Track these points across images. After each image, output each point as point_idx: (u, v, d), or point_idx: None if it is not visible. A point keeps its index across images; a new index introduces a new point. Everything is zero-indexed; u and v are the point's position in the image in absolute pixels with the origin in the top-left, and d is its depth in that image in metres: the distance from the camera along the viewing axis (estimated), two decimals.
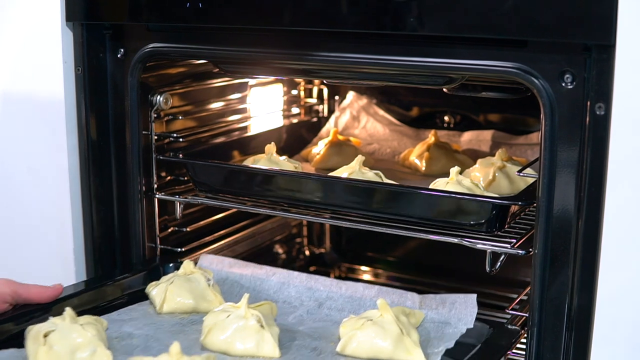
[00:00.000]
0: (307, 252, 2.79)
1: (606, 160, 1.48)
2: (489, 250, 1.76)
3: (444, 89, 1.88)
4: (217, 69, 2.02)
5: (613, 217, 1.49)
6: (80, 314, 1.65)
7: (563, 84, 1.53)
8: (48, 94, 1.96)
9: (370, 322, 1.66)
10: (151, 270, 2.00)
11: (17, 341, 1.61)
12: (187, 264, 1.90)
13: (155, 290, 1.87)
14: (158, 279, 1.93)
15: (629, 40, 1.42)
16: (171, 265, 2.02)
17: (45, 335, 1.56)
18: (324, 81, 2.46)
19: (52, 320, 1.59)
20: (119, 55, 1.97)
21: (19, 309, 1.73)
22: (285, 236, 2.69)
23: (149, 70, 1.99)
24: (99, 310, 1.81)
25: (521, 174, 1.78)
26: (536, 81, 1.54)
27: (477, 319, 1.77)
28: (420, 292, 2.53)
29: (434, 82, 1.76)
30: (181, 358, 1.44)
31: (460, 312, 1.79)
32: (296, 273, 1.98)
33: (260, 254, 2.55)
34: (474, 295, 1.80)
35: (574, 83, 1.52)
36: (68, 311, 1.60)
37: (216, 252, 2.28)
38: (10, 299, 1.70)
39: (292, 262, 2.71)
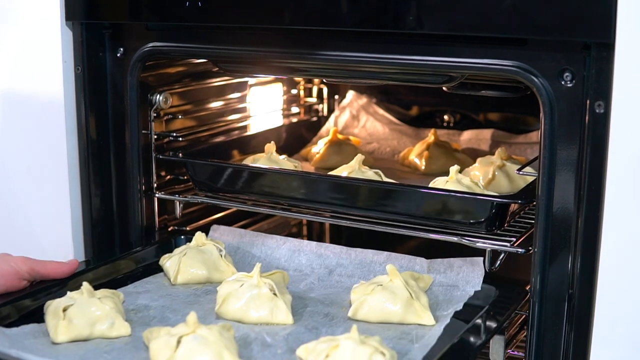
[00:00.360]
0: None
1: (606, 159, 1.48)
2: (488, 249, 1.76)
3: (444, 88, 1.88)
4: (217, 68, 2.02)
5: (612, 215, 1.49)
6: (96, 287, 1.67)
7: (562, 83, 1.53)
8: (48, 93, 1.96)
9: (380, 287, 1.69)
10: (163, 243, 2.03)
11: (37, 316, 1.64)
12: (199, 236, 1.92)
13: (169, 262, 1.90)
14: (171, 251, 1.95)
15: (628, 38, 1.42)
16: (182, 237, 2.04)
17: (64, 310, 1.59)
18: (324, 80, 2.46)
19: (70, 295, 1.62)
20: (118, 55, 1.97)
21: (37, 285, 1.74)
22: (286, 234, 2.69)
23: (148, 70, 1.99)
24: (114, 283, 1.84)
25: (521, 173, 1.78)
26: (536, 80, 1.55)
27: (485, 282, 1.81)
28: None
29: (433, 81, 1.76)
30: (198, 327, 1.48)
31: (467, 275, 1.82)
32: (306, 242, 2.03)
33: None
34: (480, 259, 1.81)
35: (574, 81, 1.52)
36: (85, 285, 1.63)
37: None
38: (27, 276, 1.72)
39: None
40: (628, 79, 1.44)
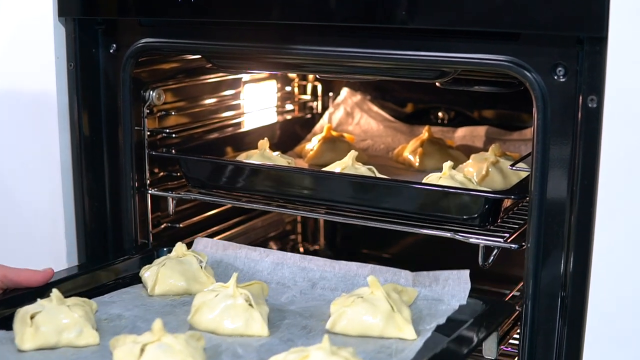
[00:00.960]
0: (301, 249, 2.78)
1: (598, 153, 1.47)
2: (481, 245, 1.75)
3: (437, 83, 1.88)
4: (210, 65, 2.02)
5: (605, 209, 1.48)
6: (72, 296, 1.66)
7: (555, 77, 1.52)
8: (40, 90, 1.96)
9: (360, 299, 1.64)
10: (145, 254, 2.00)
11: (8, 324, 1.61)
12: (179, 247, 1.89)
13: (147, 272, 1.86)
14: (152, 262, 1.92)
15: (621, 32, 1.42)
16: (165, 249, 2.00)
17: (32, 317, 1.57)
18: (317, 76, 2.46)
19: (40, 302, 1.60)
20: (111, 51, 1.96)
21: (10, 293, 1.72)
22: (279, 233, 2.69)
23: (141, 66, 1.98)
24: (92, 293, 1.80)
25: (514, 168, 1.78)
26: (528, 74, 1.54)
27: (471, 296, 1.76)
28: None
29: (426, 76, 1.75)
30: (163, 335, 1.45)
31: (453, 288, 1.77)
32: (290, 254, 1.98)
33: None
34: (467, 272, 1.77)
35: (566, 76, 1.51)
36: (55, 292, 1.60)
37: None
38: (0, 284, 1.70)
39: None
40: (621, 73, 1.44)
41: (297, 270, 1.93)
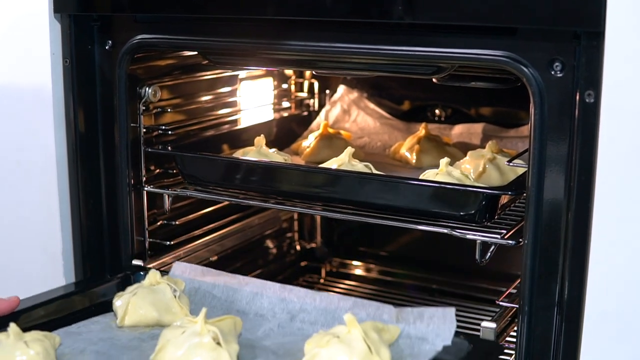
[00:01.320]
0: (297, 247, 2.78)
1: (596, 148, 1.47)
2: (478, 241, 1.75)
3: (433, 79, 1.87)
4: (206, 61, 2.01)
5: (603, 205, 1.48)
6: (42, 325, 1.64)
7: (552, 73, 1.52)
8: (36, 86, 1.95)
9: (336, 339, 1.52)
10: (123, 279, 1.94)
11: None
12: (152, 274, 1.82)
13: (119, 301, 1.78)
14: (124, 289, 1.84)
15: (618, 27, 1.41)
16: (142, 273, 1.91)
17: None
18: (314, 72, 2.45)
19: None
20: (107, 47, 1.95)
21: None
22: (276, 230, 2.68)
23: (137, 62, 1.98)
24: (63, 321, 1.73)
25: (511, 164, 1.78)
26: (525, 70, 1.54)
27: (458, 334, 1.64)
28: (412, 287, 2.54)
29: (423, 72, 1.75)
30: None
31: (438, 327, 1.65)
32: (270, 283, 1.86)
33: (250, 249, 2.54)
34: (453, 310, 1.66)
35: (563, 71, 1.51)
36: (12, 327, 1.52)
37: (205, 245, 2.29)
38: None
39: (283, 257, 2.70)
40: (618, 68, 1.43)
41: (277, 301, 1.82)
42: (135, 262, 2.04)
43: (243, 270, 2.46)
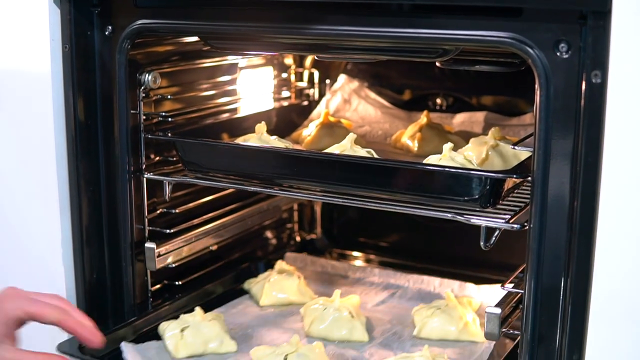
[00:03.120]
0: (297, 238, 2.76)
1: (602, 129, 1.45)
2: (483, 225, 1.73)
3: (437, 63, 1.85)
4: (207, 47, 1.99)
5: (610, 187, 1.46)
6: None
7: (558, 54, 1.50)
8: (35, 72, 1.93)
9: (439, 311, 2.07)
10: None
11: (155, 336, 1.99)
12: (280, 264, 2.33)
13: (255, 287, 2.27)
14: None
15: (624, 6, 1.40)
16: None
17: (182, 330, 1.94)
18: (316, 57, 2.43)
19: (184, 318, 1.98)
20: (106, 33, 1.94)
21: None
22: (276, 221, 2.66)
23: (137, 48, 1.96)
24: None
25: (517, 148, 1.76)
26: (531, 51, 1.52)
27: None
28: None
29: (427, 55, 1.73)
30: (300, 347, 1.84)
31: None
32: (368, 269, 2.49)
33: (249, 239, 2.52)
34: None
35: (569, 52, 1.49)
36: (198, 310, 1.99)
37: (205, 234, 2.27)
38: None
39: (283, 248, 2.67)
40: (625, 47, 1.42)
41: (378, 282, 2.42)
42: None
43: (242, 260, 2.46)
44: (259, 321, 2.13)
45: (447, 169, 1.75)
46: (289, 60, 2.63)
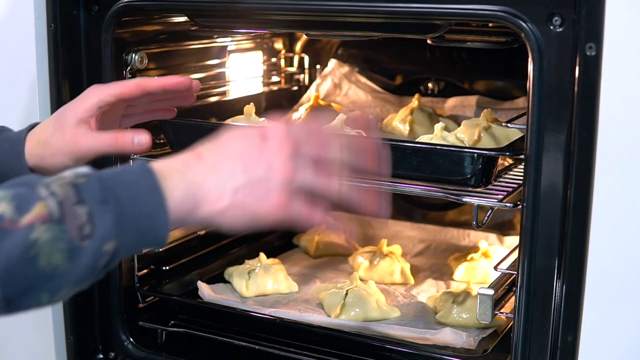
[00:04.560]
0: None
1: (597, 102, 1.43)
2: (475, 204, 1.71)
3: (428, 40, 1.82)
4: (195, 27, 1.96)
5: (605, 161, 1.44)
6: None
7: (551, 27, 1.47)
8: (19, 51, 1.90)
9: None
10: None
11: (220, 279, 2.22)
12: None
13: (305, 240, 2.51)
14: None
15: None
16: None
17: (248, 273, 2.15)
18: (305, 35, 2.39)
19: (250, 263, 2.20)
20: (93, 13, 1.90)
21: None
22: None
23: (123, 26, 1.92)
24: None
25: (510, 125, 1.73)
26: (524, 24, 1.49)
27: None
28: None
29: (417, 31, 1.70)
30: (358, 283, 2.04)
31: None
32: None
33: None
34: None
35: (563, 26, 1.46)
36: (262, 256, 2.20)
37: None
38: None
39: (273, 233, 2.64)
40: (620, 18, 1.40)
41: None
42: None
43: (231, 246, 2.45)
44: (313, 269, 2.36)
45: (439, 147, 1.72)
46: (278, 44, 2.61)
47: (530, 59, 1.50)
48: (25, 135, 1.59)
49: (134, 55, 1.96)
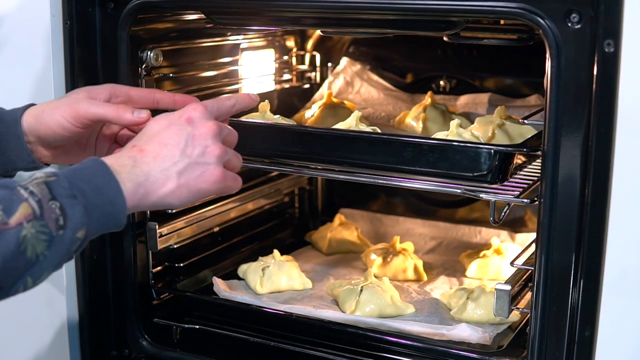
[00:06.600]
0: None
1: (616, 99, 1.43)
2: (492, 200, 1.71)
3: (445, 38, 1.83)
4: (210, 24, 1.96)
5: (623, 157, 1.44)
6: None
7: (569, 24, 1.48)
8: (36, 48, 1.90)
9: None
10: None
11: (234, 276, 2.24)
12: (338, 217, 2.57)
13: (317, 238, 2.53)
14: None
15: None
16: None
17: (263, 269, 2.17)
18: (321, 32, 2.39)
19: (264, 260, 2.22)
20: (109, 10, 1.90)
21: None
22: (277, 205, 2.64)
23: (139, 24, 1.93)
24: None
25: (527, 122, 1.73)
26: (542, 21, 1.50)
27: None
28: None
29: (434, 27, 1.70)
30: (373, 279, 2.06)
31: None
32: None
33: (250, 223, 2.51)
34: None
35: (581, 22, 1.47)
36: (276, 252, 2.22)
37: (207, 217, 2.27)
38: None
39: (284, 232, 2.65)
40: (639, 15, 1.40)
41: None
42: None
43: (243, 243, 2.46)
44: (327, 266, 2.38)
45: (456, 143, 1.72)
46: (290, 42, 2.61)
47: (547, 56, 1.50)
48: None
49: (149, 52, 1.97)
